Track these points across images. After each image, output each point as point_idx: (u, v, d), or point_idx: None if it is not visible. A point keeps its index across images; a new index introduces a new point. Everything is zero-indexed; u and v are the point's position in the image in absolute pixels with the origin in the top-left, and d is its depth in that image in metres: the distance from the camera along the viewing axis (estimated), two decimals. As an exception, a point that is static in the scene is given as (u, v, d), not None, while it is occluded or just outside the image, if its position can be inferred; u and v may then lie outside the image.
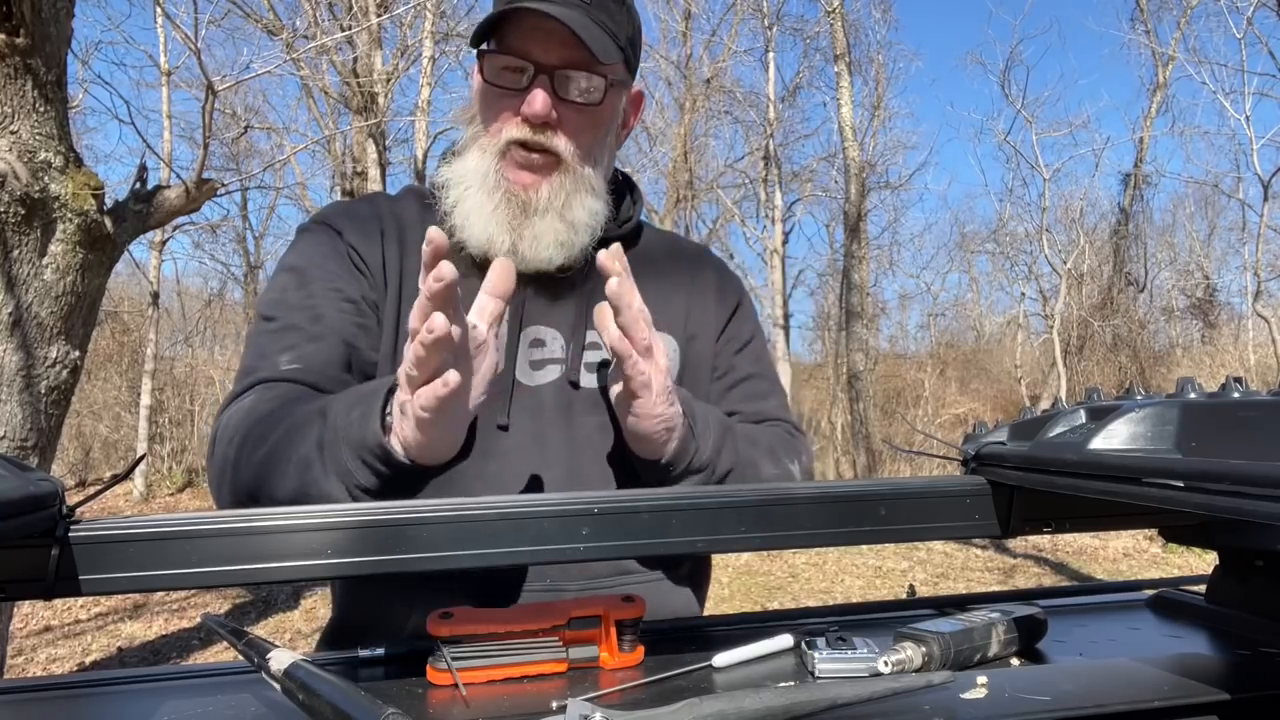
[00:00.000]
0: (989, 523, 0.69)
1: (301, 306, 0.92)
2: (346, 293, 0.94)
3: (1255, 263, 10.76)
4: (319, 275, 0.95)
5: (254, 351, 0.91)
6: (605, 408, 1.00)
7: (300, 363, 0.87)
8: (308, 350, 0.89)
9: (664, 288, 1.08)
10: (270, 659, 0.59)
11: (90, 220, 2.84)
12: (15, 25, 2.57)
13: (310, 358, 0.88)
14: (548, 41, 0.92)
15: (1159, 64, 14.60)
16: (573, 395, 0.99)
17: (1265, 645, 0.71)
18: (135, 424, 10.78)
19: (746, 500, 0.63)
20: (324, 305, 0.92)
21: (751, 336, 1.15)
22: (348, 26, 8.92)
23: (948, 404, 15.56)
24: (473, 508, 0.59)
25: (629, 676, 0.66)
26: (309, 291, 0.93)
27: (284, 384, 0.86)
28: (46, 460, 2.93)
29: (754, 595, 6.30)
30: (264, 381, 0.87)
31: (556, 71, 0.93)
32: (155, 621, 5.56)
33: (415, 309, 0.66)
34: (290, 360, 0.88)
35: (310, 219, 1.04)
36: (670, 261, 1.12)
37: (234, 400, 0.88)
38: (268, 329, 0.92)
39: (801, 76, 15.48)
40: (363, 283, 0.96)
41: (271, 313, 0.93)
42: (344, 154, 11.36)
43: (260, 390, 0.86)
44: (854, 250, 12.44)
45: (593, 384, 1.00)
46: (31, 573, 0.54)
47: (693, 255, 1.17)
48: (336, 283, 0.94)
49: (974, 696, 0.59)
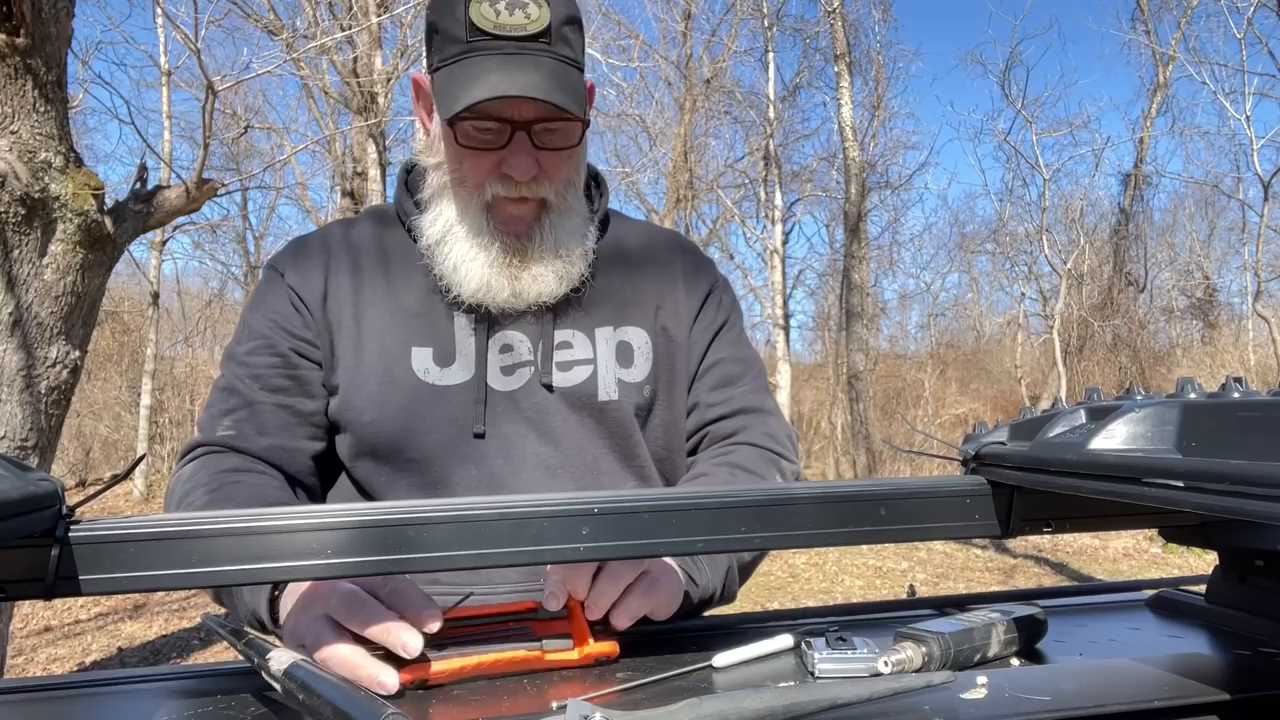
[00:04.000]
0: (989, 523, 0.69)
1: (243, 364, 1.01)
2: (277, 347, 1.01)
3: (1255, 263, 10.76)
4: (262, 329, 1.02)
5: (208, 408, 1.02)
6: (581, 405, 1.01)
7: (235, 429, 0.99)
8: (242, 416, 0.99)
9: (634, 280, 1.09)
10: (270, 659, 0.59)
11: (90, 220, 2.84)
12: (15, 25, 2.57)
13: (243, 423, 0.99)
14: (520, 102, 0.92)
15: (1159, 64, 14.60)
16: (546, 396, 1.00)
17: (1265, 645, 0.71)
18: (135, 424, 10.78)
19: (746, 500, 0.63)
20: (259, 364, 1.00)
21: (725, 321, 1.14)
22: (348, 26, 8.91)
23: (948, 404, 15.56)
24: (473, 508, 0.59)
25: (629, 677, 0.66)
26: (250, 349, 1.01)
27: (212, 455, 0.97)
28: (46, 460, 2.92)
29: (754, 595, 6.30)
30: (202, 445, 0.99)
31: (535, 126, 0.94)
32: (155, 621, 5.56)
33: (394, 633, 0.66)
34: (227, 426, 0.99)
35: (267, 262, 1.10)
36: (641, 253, 1.12)
37: (184, 458, 0.99)
38: (219, 385, 1.03)
39: (801, 76, 15.48)
40: (298, 321, 1.01)
41: (223, 368, 1.03)
42: (344, 154, 11.35)
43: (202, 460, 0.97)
44: (854, 250, 12.44)
45: (565, 383, 1.01)
46: (31, 573, 0.54)
47: (664, 245, 1.15)
48: (273, 336, 1.01)
49: (974, 696, 0.59)
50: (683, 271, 1.12)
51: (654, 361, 1.05)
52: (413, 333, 1.00)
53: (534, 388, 1.00)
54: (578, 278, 1.01)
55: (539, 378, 1.00)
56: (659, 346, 1.06)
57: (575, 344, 1.02)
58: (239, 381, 1.00)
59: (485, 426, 0.98)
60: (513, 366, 1.00)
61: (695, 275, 1.13)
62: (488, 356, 1.00)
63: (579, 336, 1.03)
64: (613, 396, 1.02)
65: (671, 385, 1.07)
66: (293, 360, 1.00)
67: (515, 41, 0.90)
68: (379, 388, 0.98)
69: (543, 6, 0.91)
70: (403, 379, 0.98)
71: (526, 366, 1.01)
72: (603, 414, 1.02)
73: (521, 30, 0.90)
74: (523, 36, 0.90)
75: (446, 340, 1.00)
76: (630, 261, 1.10)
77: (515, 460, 0.99)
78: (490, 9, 0.90)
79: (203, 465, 0.95)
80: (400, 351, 0.98)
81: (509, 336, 1.01)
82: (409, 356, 0.98)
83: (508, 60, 0.90)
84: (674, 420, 1.09)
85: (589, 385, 1.01)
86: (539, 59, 0.91)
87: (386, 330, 1.00)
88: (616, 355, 1.04)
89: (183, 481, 0.94)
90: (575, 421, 1.01)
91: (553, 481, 0.99)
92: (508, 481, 0.98)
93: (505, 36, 0.90)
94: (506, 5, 0.90)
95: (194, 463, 0.97)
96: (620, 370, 1.03)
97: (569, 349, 1.02)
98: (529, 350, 1.01)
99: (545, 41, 0.91)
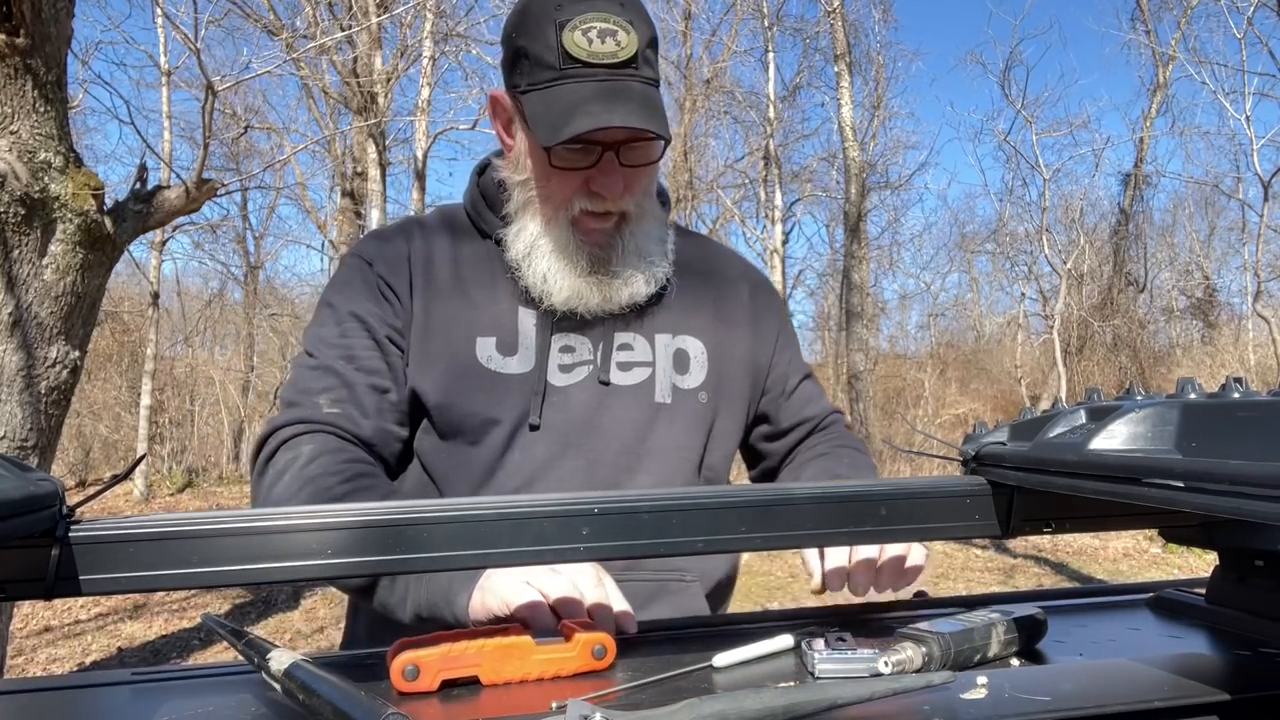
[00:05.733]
0: (989, 523, 0.69)
1: (336, 345, 1.02)
2: (374, 332, 1.03)
3: (1255, 263, 10.76)
4: (357, 313, 1.04)
5: (297, 386, 1.02)
6: (637, 404, 1.05)
7: (338, 407, 0.98)
8: (342, 395, 0.99)
9: (695, 292, 1.14)
10: (270, 659, 0.59)
11: (90, 220, 2.84)
12: (15, 25, 2.57)
13: (345, 404, 0.99)
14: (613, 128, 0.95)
15: (1159, 64, 14.60)
16: (603, 392, 1.04)
17: (1265, 645, 0.71)
18: (135, 424, 10.77)
19: (747, 500, 0.63)
20: (356, 346, 1.02)
21: (791, 342, 1.22)
22: (348, 26, 8.92)
23: (948, 404, 15.56)
24: (473, 508, 0.59)
25: (629, 677, 0.66)
26: (343, 330, 1.03)
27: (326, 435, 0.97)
28: (46, 460, 2.92)
29: (754, 595, 6.30)
30: (306, 421, 0.97)
31: (622, 147, 0.98)
32: (155, 621, 5.56)
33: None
34: (329, 404, 0.99)
35: (349, 251, 1.13)
36: (702, 267, 1.17)
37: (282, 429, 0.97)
38: (309, 364, 1.03)
39: (801, 76, 15.49)
40: (389, 310, 1.05)
41: (312, 349, 1.04)
42: (344, 154, 11.36)
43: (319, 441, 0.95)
44: (854, 250, 12.44)
45: (624, 381, 1.05)
46: (31, 573, 0.54)
47: (727, 263, 1.22)
48: (368, 320, 1.03)
49: (974, 696, 0.59)
50: (751, 291, 1.19)
51: (709, 372, 1.10)
52: (478, 323, 1.04)
53: (590, 384, 1.04)
54: (664, 277, 1.07)
55: (597, 375, 1.05)
56: (715, 358, 1.11)
57: (636, 347, 1.07)
58: (335, 361, 1.01)
59: (540, 419, 1.02)
60: (572, 365, 1.05)
61: (766, 297, 1.20)
62: (549, 352, 1.04)
63: (640, 340, 1.07)
64: (668, 400, 1.06)
65: (730, 397, 1.12)
66: (386, 347, 1.03)
67: (607, 69, 0.94)
68: (444, 372, 1.02)
69: (630, 34, 0.95)
70: (467, 364, 1.02)
71: (586, 365, 1.05)
72: (657, 414, 1.06)
73: (613, 58, 0.94)
74: (614, 64, 0.94)
75: (510, 332, 1.04)
76: (692, 273, 1.15)
77: (560, 450, 1.02)
78: (583, 37, 0.93)
79: (322, 448, 0.95)
80: (466, 339, 1.03)
81: (571, 338, 1.05)
82: (474, 344, 1.03)
83: (601, 88, 0.94)
84: (726, 429, 1.13)
85: (647, 386, 1.06)
86: (630, 85, 0.95)
87: (453, 320, 1.04)
88: (674, 361, 1.08)
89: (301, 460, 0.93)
90: (629, 417, 1.05)
91: (593, 474, 1.02)
92: (552, 473, 1.02)
93: (598, 64, 0.94)
94: (599, 34, 0.94)
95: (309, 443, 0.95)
96: (677, 376, 1.08)
97: (629, 350, 1.07)
98: (589, 351, 1.06)
99: (634, 67, 0.96)
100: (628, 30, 0.94)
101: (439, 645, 0.65)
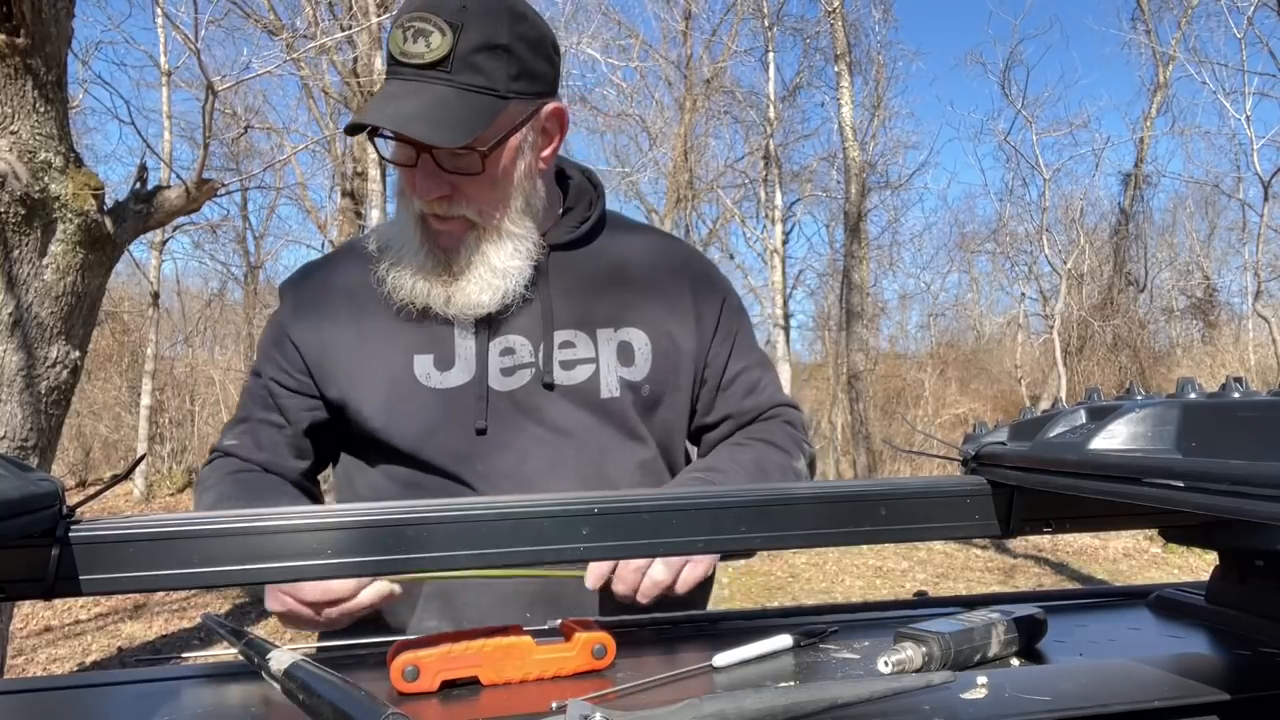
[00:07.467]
0: (989, 523, 0.69)
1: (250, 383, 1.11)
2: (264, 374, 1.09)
3: (1255, 263, 10.77)
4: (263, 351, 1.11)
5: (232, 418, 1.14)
6: (584, 402, 1.04)
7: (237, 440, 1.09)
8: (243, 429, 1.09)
9: (636, 284, 1.11)
10: (270, 659, 0.59)
11: (90, 220, 2.84)
12: (15, 25, 2.57)
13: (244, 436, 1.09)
14: None
15: (1159, 64, 14.58)
16: (547, 395, 1.03)
17: (1265, 645, 0.71)
18: (135, 424, 10.78)
19: (746, 500, 0.63)
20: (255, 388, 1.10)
21: (739, 329, 1.17)
22: (348, 26, 8.91)
23: (948, 404, 15.56)
24: (473, 508, 0.59)
25: (629, 677, 0.66)
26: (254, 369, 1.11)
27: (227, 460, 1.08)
28: (46, 460, 2.92)
29: (754, 595, 6.30)
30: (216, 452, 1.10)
31: (435, 150, 0.94)
32: (155, 621, 5.56)
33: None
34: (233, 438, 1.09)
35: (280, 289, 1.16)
36: (643, 258, 1.13)
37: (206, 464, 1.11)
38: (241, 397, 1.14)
39: (801, 76, 15.45)
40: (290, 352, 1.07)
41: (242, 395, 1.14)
42: (344, 154, 11.35)
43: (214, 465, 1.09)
44: (854, 250, 12.44)
45: (568, 381, 1.04)
46: (31, 573, 0.54)
47: (669, 253, 1.17)
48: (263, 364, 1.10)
49: (974, 696, 0.59)
50: (692, 282, 1.14)
51: (653, 363, 1.08)
52: (415, 342, 1.03)
53: (534, 387, 1.03)
54: (514, 294, 1.02)
55: (540, 378, 1.03)
56: (660, 349, 1.08)
57: (578, 344, 1.05)
58: (248, 396, 1.11)
59: (487, 423, 1.01)
60: (513, 368, 1.03)
61: (708, 287, 1.16)
62: (488, 359, 1.03)
63: (581, 336, 1.05)
64: (615, 394, 1.05)
65: (675, 388, 1.10)
66: (273, 389, 1.08)
67: (414, 69, 0.92)
68: (385, 396, 1.02)
69: (446, 34, 0.91)
70: (406, 385, 1.01)
71: (528, 368, 1.03)
72: (606, 410, 1.04)
73: (419, 59, 0.91)
74: (420, 65, 0.92)
75: (446, 346, 1.03)
76: (632, 265, 1.12)
77: (518, 456, 1.02)
78: (401, 35, 0.92)
79: (215, 468, 1.08)
80: (404, 361, 1.02)
81: (510, 340, 1.04)
82: (412, 363, 1.02)
83: (397, 87, 0.93)
84: (673, 421, 1.11)
85: (592, 383, 1.04)
86: (427, 87, 0.92)
87: (388, 341, 1.03)
88: (618, 354, 1.06)
89: (202, 481, 1.08)
90: (578, 417, 1.03)
91: (555, 475, 1.01)
92: (513, 477, 1.01)
93: (406, 63, 0.92)
94: (414, 34, 0.91)
95: (207, 467, 1.10)
96: (622, 369, 1.06)
97: (571, 349, 1.05)
98: (530, 352, 1.04)
99: (444, 70, 0.92)
100: (444, 31, 0.90)
101: (439, 646, 0.65)
